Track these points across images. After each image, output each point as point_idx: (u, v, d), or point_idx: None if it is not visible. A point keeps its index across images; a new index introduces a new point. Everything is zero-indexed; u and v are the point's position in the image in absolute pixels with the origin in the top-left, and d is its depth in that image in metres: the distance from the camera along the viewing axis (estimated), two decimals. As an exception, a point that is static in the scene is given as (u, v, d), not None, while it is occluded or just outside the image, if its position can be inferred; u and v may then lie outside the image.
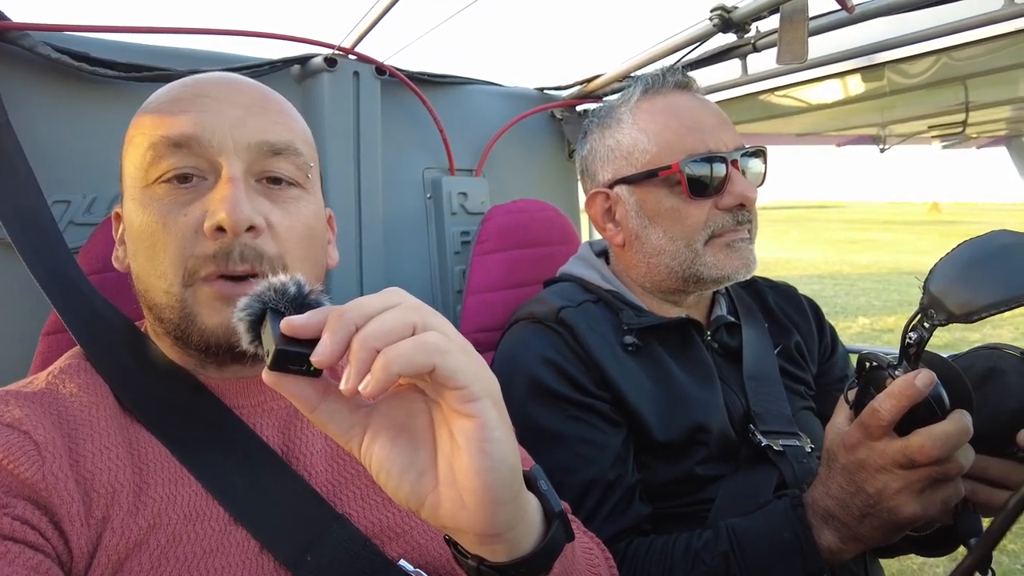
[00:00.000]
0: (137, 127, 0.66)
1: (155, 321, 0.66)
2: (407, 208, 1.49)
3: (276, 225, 0.64)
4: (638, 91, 1.03)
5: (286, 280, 0.45)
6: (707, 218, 0.95)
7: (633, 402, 0.89)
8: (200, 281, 0.61)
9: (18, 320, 0.99)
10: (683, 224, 0.96)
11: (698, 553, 0.77)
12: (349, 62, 1.31)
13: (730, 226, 0.96)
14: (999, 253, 0.63)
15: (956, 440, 0.61)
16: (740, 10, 1.22)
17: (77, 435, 0.58)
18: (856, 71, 1.34)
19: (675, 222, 0.97)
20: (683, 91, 1.02)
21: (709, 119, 0.98)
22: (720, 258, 0.95)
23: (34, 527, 0.52)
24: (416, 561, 0.64)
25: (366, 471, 0.67)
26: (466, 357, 0.42)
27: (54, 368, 0.66)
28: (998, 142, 2.72)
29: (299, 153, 0.67)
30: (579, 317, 0.96)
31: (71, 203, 1.04)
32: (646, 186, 0.99)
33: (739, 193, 0.94)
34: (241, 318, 0.44)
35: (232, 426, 0.64)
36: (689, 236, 0.96)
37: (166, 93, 0.67)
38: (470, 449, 0.42)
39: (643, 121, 1.00)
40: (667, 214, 0.97)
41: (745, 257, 0.96)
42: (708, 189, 0.95)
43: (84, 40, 1.06)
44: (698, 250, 0.96)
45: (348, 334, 0.40)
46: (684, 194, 0.95)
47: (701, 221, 0.95)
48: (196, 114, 0.63)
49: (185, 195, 0.62)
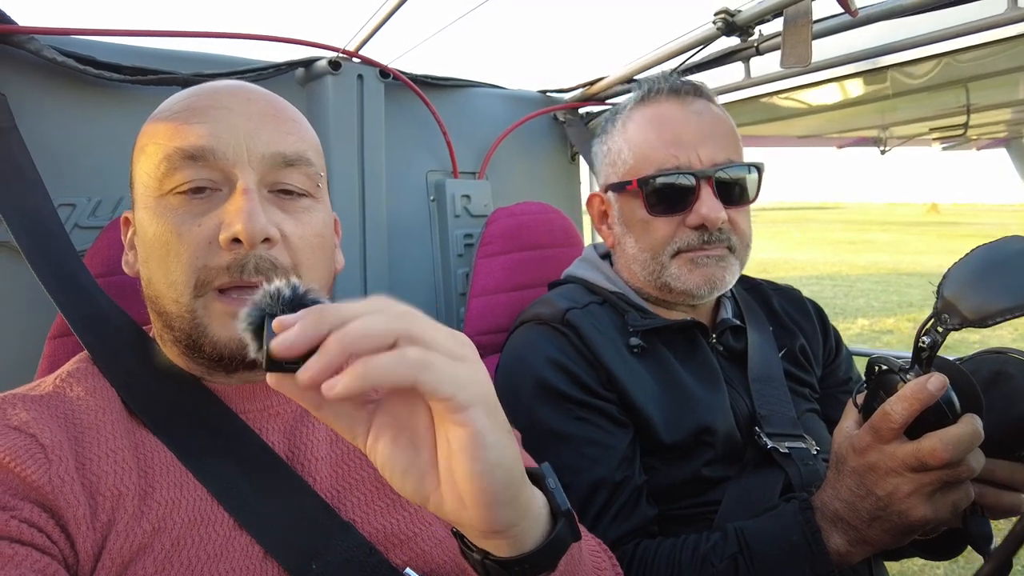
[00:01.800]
0: (149, 135, 0.66)
1: (164, 328, 0.66)
2: (411, 211, 1.49)
3: (289, 235, 0.64)
4: (635, 98, 1.04)
5: (281, 285, 0.44)
6: (675, 234, 0.96)
7: (639, 403, 0.89)
8: (212, 292, 0.61)
9: (25, 324, 0.99)
10: (650, 237, 0.98)
11: (707, 555, 0.77)
12: (353, 65, 1.31)
13: (695, 244, 0.95)
14: (1013, 258, 0.63)
15: (967, 443, 0.61)
16: (744, 13, 1.22)
17: (84, 438, 0.59)
18: (859, 74, 1.34)
19: (644, 234, 0.99)
20: (677, 99, 1.00)
21: (690, 133, 0.96)
22: (683, 272, 0.96)
23: (41, 530, 0.52)
24: (421, 568, 0.64)
25: (371, 477, 0.68)
26: (452, 365, 0.41)
27: (62, 372, 0.66)
28: (998, 143, 2.72)
29: (310, 163, 0.68)
30: (584, 319, 0.96)
31: (76, 206, 1.04)
32: (624, 195, 1.02)
33: (702, 215, 0.93)
34: (244, 329, 0.44)
35: (238, 431, 0.65)
36: (654, 249, 0.98)
37: (179, 102, 0.66)
38: (463, 456, 0.42)
39: (629, 130, 1.02)
40: (639, 225, 1.00)
41: (709, 274, 0.95)
42: (676, 206, 0.95)
43: (90, 44, 1.06)
44: (664, 262, 0.97)
45: (321, 330, 0.39)
46: (644, 208, 0.97)
47: (667, 236, 0.97)
48: (211, 125, 0.63)
49: (199, 206, 0.62)
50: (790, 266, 12.98)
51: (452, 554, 0.68)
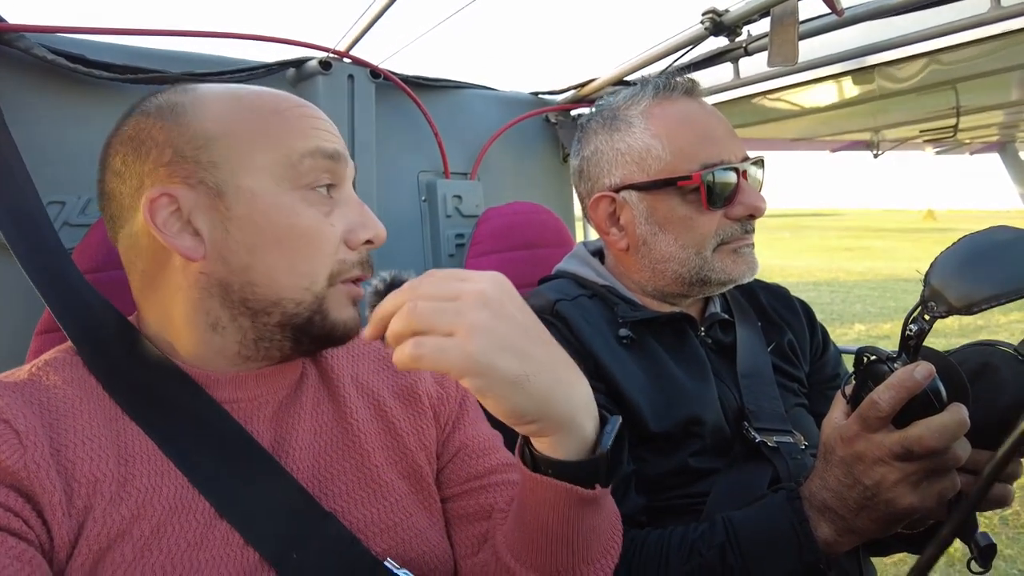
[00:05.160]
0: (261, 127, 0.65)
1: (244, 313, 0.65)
2: (402, 211, 1.50)
3: None
4: (648, 94, 1.02)
5: (384, 274, 0.60)
6: (717, 227, 0.97)
7: (628, 392, 0.89)
8: (339, 283, 0.68)
9: (13, 320, 0.99)
10: (694, 232, 0.97)
11: (694, 544, 0.77)
12: (344, 65, 1.32)
13: (739, 235, 0.98)
14: (999, 247, 0.64)
15: (953, 432, 0.61)
16: (731, 13, 1.24)
17: (59, 425, 0.58)
18: (847, 74, 1.36)
19: (687, 230, 0.97)
20: (692, 97, 1.02)
21: (719, 128, 0.99)
22: (728, 263, 0.98)
23: (17, 515, 0.52)
24: (401, 557, 0.65)
25: (353, 467, 0.69)
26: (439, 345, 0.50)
27: (38, 361, 0.66)
28: (991, 148, 2.74)
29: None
30: (574, 310, 0.96)
31: (66, 204, 1.04)
32: (659, 194, 0.98)
33: (750, 204, 0.96)
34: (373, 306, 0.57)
35: (221, 421, 0.65)
36: (700, 244, 0.97)
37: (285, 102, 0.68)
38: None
39: (656, 126, 0.99)
40: (680, 222, 0.97)
41: (750, 261, 0.99)
42: (721, 199, 0.96)
43: (80, 42, 1.07)
44: (707, 257, 0.97)
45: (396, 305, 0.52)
46: (701, 204, 0.96)
47: (712, 230, 0.97)
48: (328, 133, 0.69)
49: (327, 203, 0.67)
50: (787, 272, 13.00)
51: (431, 545, 0.69)
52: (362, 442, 0.71)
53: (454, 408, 0.80)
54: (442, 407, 0.79)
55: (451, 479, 0.76)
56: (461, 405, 0.81)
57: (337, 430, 0.71)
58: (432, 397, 0.78)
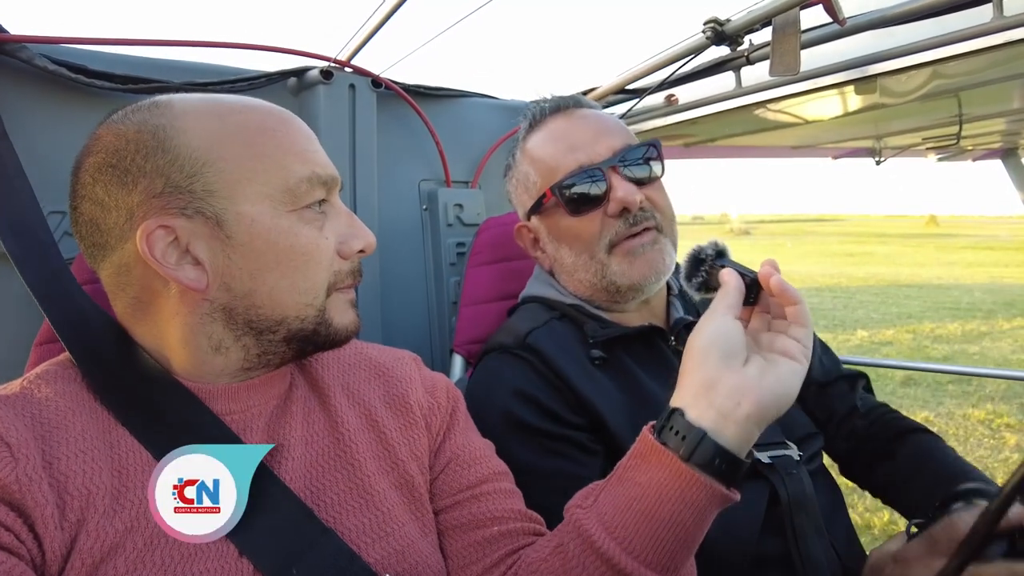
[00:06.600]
0: (260, 150, 0.65)
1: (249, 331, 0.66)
2: (403, 220, 1.50)
3: None
4: (525, 126, 1.10)
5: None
6: (601, 228, 0.98)
7: (610, 420, 0.88)
8: (335, 292, 0.70)
9: (12, 330, 0.99)
10: (580, 239, 1.00)
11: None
12: (345, 75, 1.32)
13: (624, 232, 0.98)
14: None
15: None
16: (733, 23, 1.23)
17: (51, 438, 0.58)
18: (849, 83, 1.35)
19: (574, 239, 1.01)
20: (561, 114, 1.06)
21: (583, 134, 1.01)
22: (624, 267, 0.98)
23: (8, 528, 0.52)
24: (395, 567, 0.65)
25: (344, 478, 0.69)
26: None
27: (30, 374, 0.65)
28: (993, 155, 2.73)
29: None
30: (546, 338, 0.96)
31: (66, 214, 1.04)
32: (544, 213, 1.05)
33: (619, 199, 0.96)
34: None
35: (220, 434, 0.64)
36: (590, 248, 0.99)
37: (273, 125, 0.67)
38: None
39: (529, 154, 1.07)
40: (566, 232, 1.02)
41: (650, 261, 0.97)
42: (591, 201, 0.98)
43: (81, 52, 1.07)
44: (603, 260, 0.99)
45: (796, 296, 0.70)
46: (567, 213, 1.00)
47: (596, 232, 0.99)
48: (321, 155, 0.71)
49: (319, 219, 0.68)
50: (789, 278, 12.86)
51: (423, 556, 0.69)
52: (354, 452, 0.70)
53: (444, 418, 0.80)
54: (433, 417, 0.78)
55: (443, 490, 0.75)
56: (451, 415, 0.80)
57: (329, 440, 0.71)
58: (423, 407, 0.78)
